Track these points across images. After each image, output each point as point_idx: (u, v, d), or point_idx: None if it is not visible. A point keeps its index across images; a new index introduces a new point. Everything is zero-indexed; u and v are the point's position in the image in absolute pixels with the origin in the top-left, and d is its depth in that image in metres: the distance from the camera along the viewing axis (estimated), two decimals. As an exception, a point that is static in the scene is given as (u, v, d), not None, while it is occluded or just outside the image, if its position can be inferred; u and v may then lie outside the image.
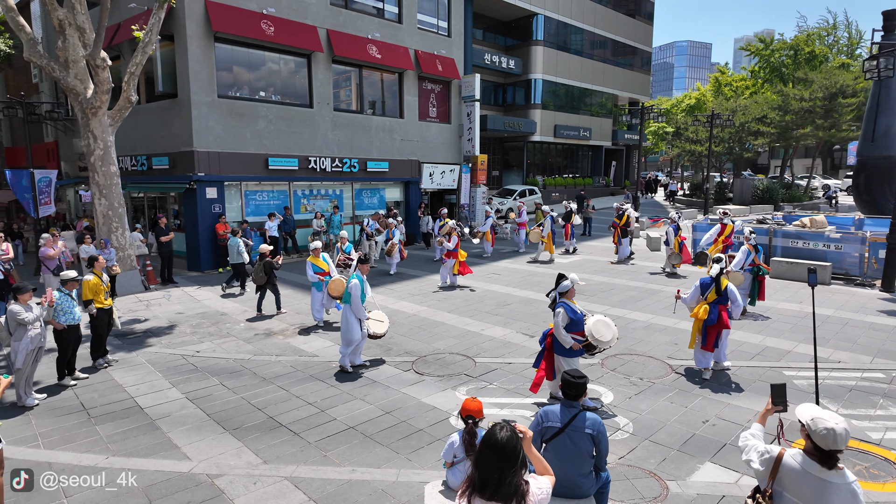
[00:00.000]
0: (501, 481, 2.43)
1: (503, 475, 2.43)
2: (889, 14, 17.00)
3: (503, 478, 2.43)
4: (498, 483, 2.43)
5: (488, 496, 2.44)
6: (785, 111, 28.30)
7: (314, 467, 5.14)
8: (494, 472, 2.44)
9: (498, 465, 2.45)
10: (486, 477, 2.45)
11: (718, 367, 7.41)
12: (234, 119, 15.72)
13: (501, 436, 2.50)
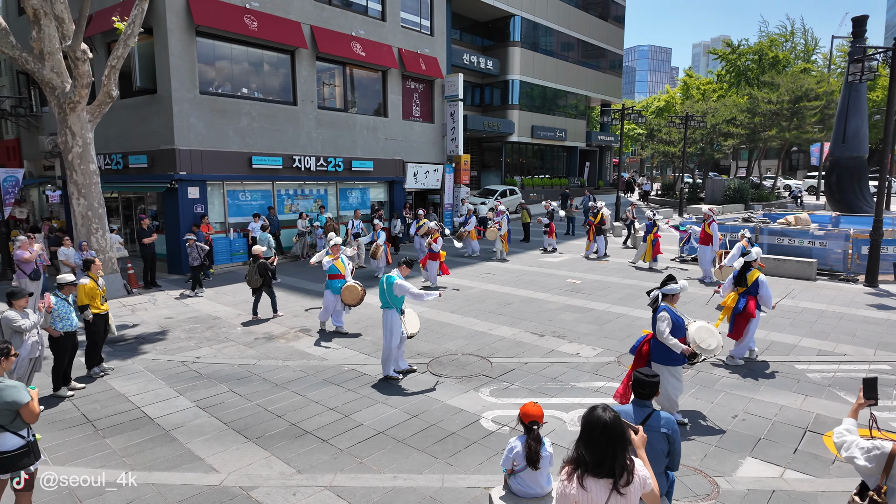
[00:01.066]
0: (615, 460, 2.59)
1: (616, 454, 2.60)
2: (858, 20, 17.73)
3: (616, 456, 2.60)
4: (612, 462, 2.59)
5: (604, 474, 2.60)
6: (753, 113, 29.26)
7: (353, 475, 4.94)
8: (608, 452, 2.60)
9: (611, 446, 2.60)
10: (600, 457, 2.60)
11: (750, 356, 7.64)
12: (216, 116, 15.19)
13: (609, 417, 2.64)
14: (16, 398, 3.83)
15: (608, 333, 9.02)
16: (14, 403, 3.82)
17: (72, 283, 6.82)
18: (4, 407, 3.80)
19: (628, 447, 2.68)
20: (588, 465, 2.63)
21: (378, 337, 9.08)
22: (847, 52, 44.34)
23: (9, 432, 3.89)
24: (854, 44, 17.78)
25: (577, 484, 2.66)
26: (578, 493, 2.67)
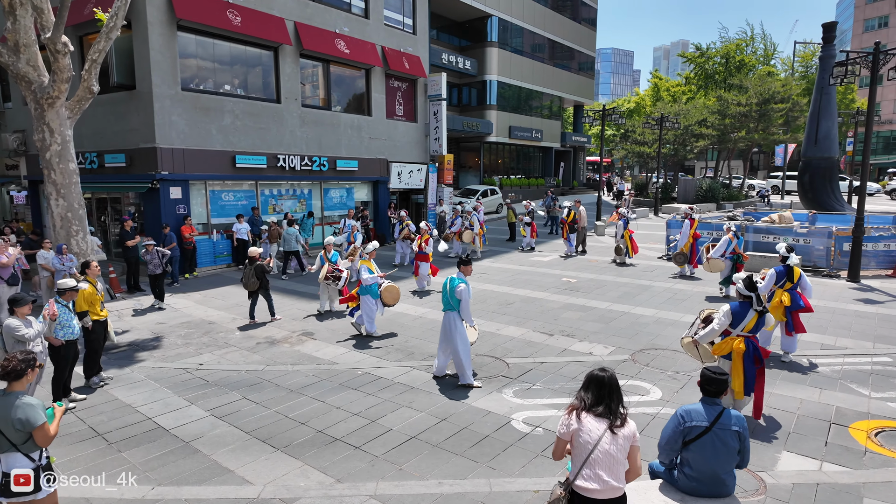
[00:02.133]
0: (611, 402, 3.19)
1: (612, 399, 3.19)
2: (828, 26, 18.45)
3: (612, 401, 3.19)
4: (608, 404, 3.18)
5: (600, 413, 3.18)
6: (723, 115, 30.16)
7: (396, 482, 4.79)
8: (604, 395, 3.20)
9: (608, 393, 3.20)
10: (598, 399, 3.21)
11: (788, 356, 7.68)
12: (198, 114, 14.68)
13: (607, 374, 3.26)
14: (30, 417, 3.51)
15: (616, 331, 9.08)
16: (27, 423, 3.50)
17: (73, 288, 6.43)
18: (18, 426, 3.50)
19: (622, 400, 3.24)
20: (587, 405, 3.23)
21: (386, 339, 8.93)
22: (807, 57, 46.39)
23: (19, 453, 3.57)
24: (825, 48, 18.51)
25: (576, 418, 3.22)
26: (577, 423, 3.20)
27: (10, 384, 3.61)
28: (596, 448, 3.12)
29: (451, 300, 6.80)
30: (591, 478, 3.12)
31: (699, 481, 3.63)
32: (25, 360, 3.64)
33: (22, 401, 3.54)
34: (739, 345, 5.59)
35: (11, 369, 3.57)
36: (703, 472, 3.61)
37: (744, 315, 5.57)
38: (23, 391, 3.64)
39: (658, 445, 3.85)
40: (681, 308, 10.51)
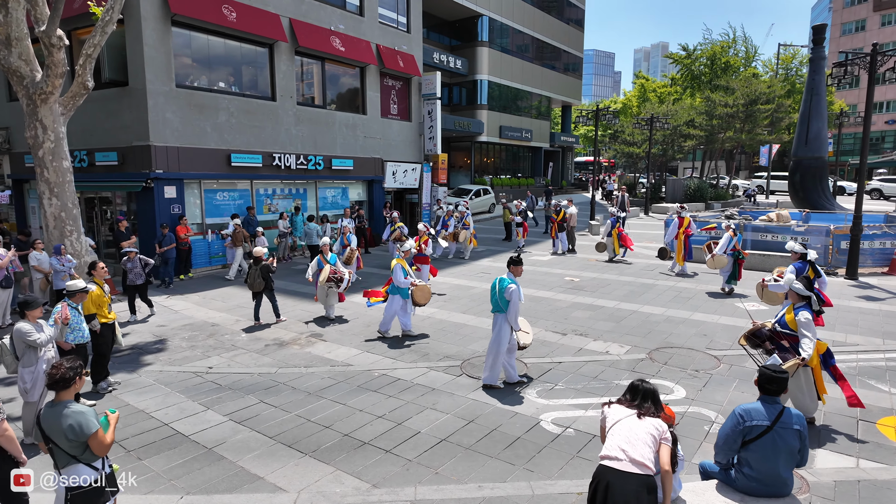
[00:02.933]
0: (644, 402, 3.52)
1: (645, 400, 3.54)
2: (818, 28, 18.78)
3: (645, 401, 3.54)
4: (641, 403, 3.52)
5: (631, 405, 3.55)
6: (711, 116, 30.55)
7: (435, 487, 4.67)
8: (639, 396, 3.57)
9: (644, 397, 3.56)
10: (633, 397, 3.56)
11: None
12: (193, 111, 14.36)
13: (651, 385, 3.63)
14: (82, 425, 3.34)
15: (628, 330, 9.07)
16: (80, 432, 3.32)
17: (83, 289, 6.18)
18: (70, 435, 3.32)
19: (659, 404, 3.54)
20: (625, 399, 3.59)
21: (397, 339, 8.79)
22: (787, 59, 47.28)
23: (81, 464, 3.40)
24: (815, 50, 18.83)
25: (607, 406, 3.63)
26: (606, 411, 3.58)
27: (57, 393, 3.42)
28: (618, 423, 3.45)
29: (501, 301, 6.52)
30: (611, 448, 3.34)
31: (759, 481, 3.58)
32: (73, 367, 3.45)
33: (71, 408, 3.36)
34: (820, 345, 5.50)
35: (60, 377, 3.38)
36: (764, 472, 3.56)
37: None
38: (71, 400, 3.45)
39: (715, 445, 3.80)
40: (688, 306, 10.56)
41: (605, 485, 3.19)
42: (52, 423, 3.32)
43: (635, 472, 3.17)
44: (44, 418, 3.35)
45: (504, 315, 6.53)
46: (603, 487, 3.19)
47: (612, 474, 3.21)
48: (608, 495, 3.16)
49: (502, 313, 6.55)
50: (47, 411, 3.37)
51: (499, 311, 6.59)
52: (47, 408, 3.40)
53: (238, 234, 13.92)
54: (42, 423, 3.35)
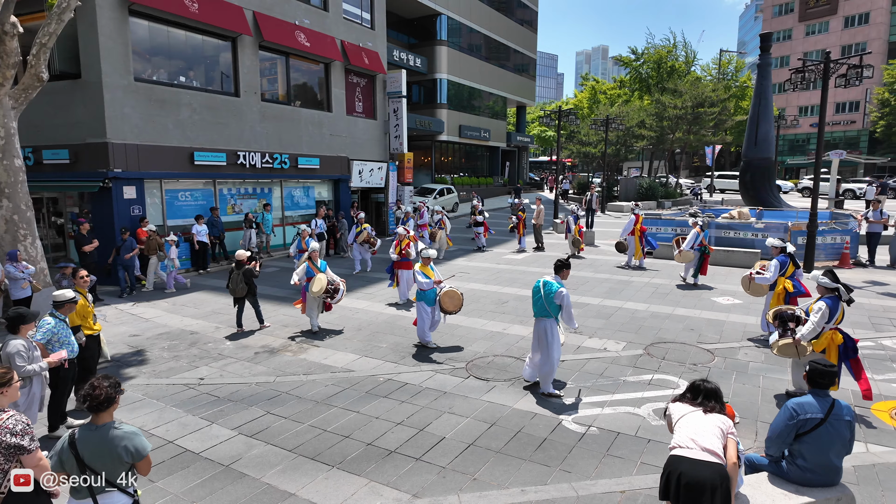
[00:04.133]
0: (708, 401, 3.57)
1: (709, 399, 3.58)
2: (765, 36, 19.88)
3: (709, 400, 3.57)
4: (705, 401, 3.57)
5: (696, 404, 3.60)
6: (661, 118, 31.81)
7: (478, 493, 4.58)
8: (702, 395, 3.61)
9: (707, 396, 3.59)
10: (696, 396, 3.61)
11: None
12: (153, 107, 13.57)
13: (712, 385, 3.66)
14: (138, 447, 3.10)
15: (619, 327, 9.26)
16: (137, 454, 3.08)
17: (71, 300, 5.67)
18: (127, 458, 3.04)
19: (722, 402, 3.59)
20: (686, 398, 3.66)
21: (394, 342, 8.62)
22: (724, 64, 49.91)
23: (117, 490, 3.12)
24: (762, 57, 19.93)
25: (671, 403, 3.74)
26: (670, 409, 3.66)
27: (98, 415, 3.10)
28: (684, 417, 3.54)
29: (549, 306, 6.34)
30: (681, 439, 3.42)
31: (813, 471, 3.72)
32: (113, 384, 3.14)
33: (122, 430, 3.08)
34: (836, 337, 5.73)
35: (105, 398, 3.07)
36: (818, 463, 3.70)
37: (836, 309, 5.76)
38: (115, 420, 3.14)
39: (767, 439, 3.91)
40: (668, 302, 10.90)
41: (679, 473, 3.22)
42: (98, 448, 3.02)
43: (708, 460, 3.22)
44: (83, 443, 3.04)
45: (552, 319, 6.39)
46: (676, 475, 3.23)
47: (685, 462, 3.25)
48: (682, 482, 3.19)
49: (549, 318, 6.40)
50: (87, 435, 3.06)
51: (545, 315, 6.41)
52: (86, 431, 3.08)
53: (152, 242, 12.43)
54: (80, 448, 3.03)
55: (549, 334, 6.39)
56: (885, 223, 13.88)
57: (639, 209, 14.60)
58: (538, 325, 6.51)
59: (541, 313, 6.47)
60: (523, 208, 17.58)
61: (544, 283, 6.45)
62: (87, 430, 3.09)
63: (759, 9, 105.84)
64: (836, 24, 57.92)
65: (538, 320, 6.51)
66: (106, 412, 3.10)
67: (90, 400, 3.05)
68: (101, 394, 3.05)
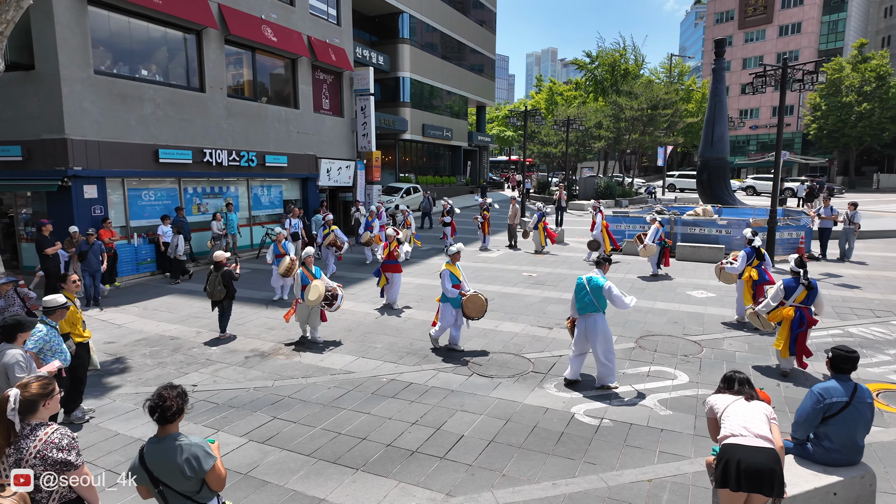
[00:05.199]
0: (744, 389, 3.75)
1: (744, 387, 3.77)
2: (719, 42, 20.89)
3: (744, 388, 3.76)
4: (741, 390, 3.75)
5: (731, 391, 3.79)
6: (618, 119, 32.82)
7: (511, 489, 4.60)
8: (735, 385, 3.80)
9: (740, 384, 3.79)
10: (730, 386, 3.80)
11: None
12: (115, 101, 12.89)
13: (743, 374, 3.85)
14: (201, 458, 2.94)
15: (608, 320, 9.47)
16: (200, 466, 2.92)
17: (63, 305, 5.32)
18: (190, 471, 2.89)
19: (754, 388, 3.78)
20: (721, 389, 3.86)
21: (389, 343, 8.52)
22: (670, 69, 52.03)
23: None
24: (717, 62, 20.92)
25: (710, 396, 3.87)
26: (711, 401, 3.81)
27: (164, 426, 2.92)
28: (730, 407, 3.64)
29: (597, 301, 6.43)
30: (734, 427, 3.50)
31: (839, 452, 3.94)
32: (181, 394, 2.97)
33: (183, 441, 2.91)
34: (789, 312, 6.72)
35: (176, 409, 2.90)
36: (843, 443, 3.92)
37: (794, 289, 6.73)
38: (179, 432, 2.97)
39: (794, 423, 4.11)
40: (646, 296, 11.26)
41: (737, 460, 3.34)
42: (163, 461, 2.85)
43: (763, 446, 3.36)
44: (151, 456, 2.87)
45: (600, 314, 6.49)
46: (735, 462, 3.34)
47: (742, 450, 3.37)
48: (741, 468, 3.31)
49: (596, 312, 6.49)
50: (154, 448, 2.89)
51: (592, 310, 6.49)
52: (152, 444, 2.91)
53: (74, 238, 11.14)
54: (148, 462, 2.86)
55: (596, 329, 6.47)
56: (835, 219, 14.84)
57: (601, 206, 15.17)
58: (586, 322, 6.55)
59: (588, 309, 6.51)
60: (487, 208, 17.70)
61: (588, 279, 6.54)
62: (152, 442, 2.92)
63: (698, 15, 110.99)
64: (771, 33, 61.39)
65: (585, 317, 6.55)
66: (173, 423, 2.93)
67: (160, 412, 2.88)
68: (171, 405, 2.88)
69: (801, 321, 6.74)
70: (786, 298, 6.81)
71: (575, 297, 6.65)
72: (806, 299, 6.76)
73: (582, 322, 6.60)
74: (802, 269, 6.82)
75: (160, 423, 2.91)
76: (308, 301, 8.14)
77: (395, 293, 10.64)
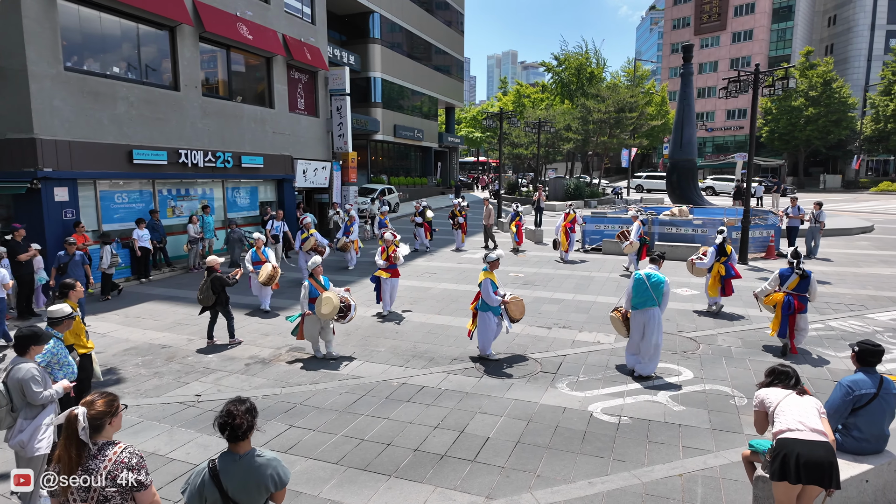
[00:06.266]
0: (797, 383, 3.92)
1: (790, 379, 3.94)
2: (687, 48, 21.59)
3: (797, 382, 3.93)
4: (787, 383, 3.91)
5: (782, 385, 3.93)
6: (586, 121, 33.49)
7: (549, 490, 4.63)
8: (784, 379, 3.94)
9: (788, 377, 3.94)
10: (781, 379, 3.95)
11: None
12: (87, 99, 12.32)
13: (793, 369, 3.99)
14: (282, 475, 2.88)
15: (602, 320, 9.65)
16: (280, 482, 2.85)
17: (69, 315, 5.03)
18: (272, 487, 2.80)
19: (800, 381, 3.94)
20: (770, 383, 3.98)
21: (392, 346, 8.44)
22: (630, 72, 53.47)
23: None
24: (685, 66, 21.63)
25: (760, 389, 4.00)
26: (761, 394, 3.93)
27: (237, 444, 2.80)
28: (783, 401, 3.76)
29: (656, 296, 6.87)
30: (789, 422, 3.62)
31: (868, 441, 4.14)
32: (249, 409, 2.84)
33: (265, 457, 2.81)
34: (780, 297, 7.65)
35: (247, 427, 2.77)
36: (872, 433, 4.12)
37: (788, 277, 7.68)
38: (254, 447, 2.86)
39: (824, 415, 4.29)
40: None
41: (796, 454, 3.46)
42: (245, 479, 2.74)
43: (819, 440, 3.50)
44: (228, 475, 2.74)
45: (657, 308, 6.91)
46: (794, 456, 3.46)
47: (799, 444, 3.49)
48: (801, 462, 3.44)
49: (654, 307, 6.90)
50: (232, 466, 2.76)
51: (651, 304, 6.90)
52: (229, 463, 2.78)
53: None
54: (225, 480, 2.74)
55: (655, 321, 6.89)
56: (802, 218, 15.57)
57: (570, 208, 15.65)
58: (643, 315, 6.94)
59: (647, 303, 6.94)
60: (461, 209, 17.71)
61: (647, 275, 6.97)
62: (228, 460, 2.78)
63: (653, 21, 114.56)
64: (725, 39, 63.92)
65: (643, 311, 6.94)
66: (246, 440, 2.82)
67: (230, 430, 2.75)
68: (242, 423, 2.75)
69: (789, 306, 7.57)
70: (781, 285, 7.71)
71: (633, 292, 7.04)
72: (799, 286, 7.60)
73: (639, 315, 6.98)
74: (797, 260, 7.67)
75: (231, 440, 2.79)
76: (321, 315, 7.56)
77: (387, 300, 10.24)
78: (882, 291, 11.51)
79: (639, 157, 69.03)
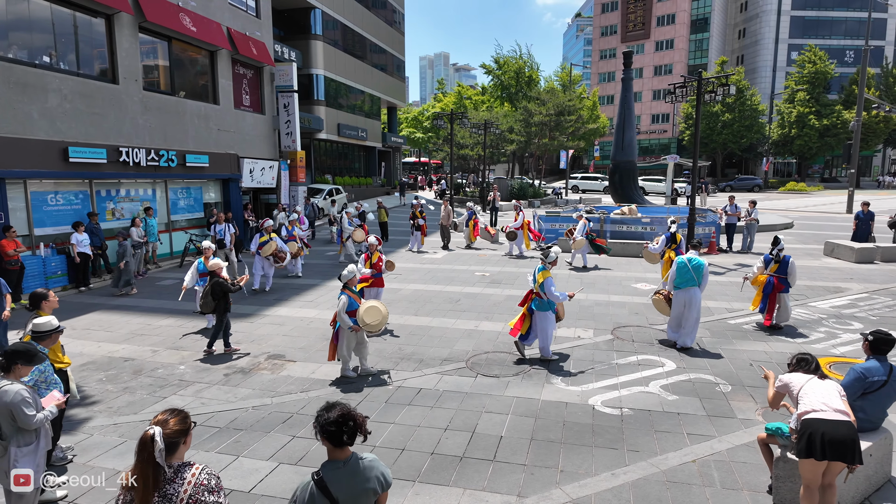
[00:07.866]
0: (808, 367, 4.22)
1: (810, 365, 4.22)
2: (626, 54, 22.62)
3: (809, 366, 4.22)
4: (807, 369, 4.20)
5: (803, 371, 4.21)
6: (528, 124, 34.30)
7: (577, 484, 4.69)
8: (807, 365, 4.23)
9: (809, 363, 4.24)
10: (802, 365, 4.24)
11: None
12: (14, 91, 11.21)
13: (813, 356, 4.26)
14: (387, 475, 2.79)
15: (578, 316, 9.88)
16: (386, 483, 2.75)
17: (57, 329, 4.55)
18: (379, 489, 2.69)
19: (820, 367, 4.20)
20: (793, 368, 4.26)
21: (377, 349, 8.27)
22: (563, 77, 55.37)
23: None
24: (626, 72, 22.66)
25: (784, 374, 4.26)
26: (786, 379, 4.19)
27: (342, 448, 2.62)
28: (806, 384, 4.03)
29: (697, 277, 7.90)
30: (813, 403, 3.88)
31: (870, 421, 4.49)
32: (352, 414, 2.68)
33: (368, 460, 2.71)
34: (763, 279, 8.95)
35: (357, 426, 2.61)
36: (875, 415, 4.49)
37: (769, 262, 8.92)
38: (354, 451, 2.69)
39: (833, 398, 4.63)
40: (597, 290, 11.91)
41: (822, 433, 3.71)
42: (355, 485, 2.60)
43: (843, 419, 3.76)
44: (337, 483, 2.57)
45: (696, 287, 7.94)
46: (819, 435, 3.71)
47: (824, 423, 3.74)
48: (826, 440, 3.68)
49: (695, 286, 7.93)
50: (338, 474, 2.60)
51: (692, 284, 7.92)
52: (334, 471, 2.60)
53: None
54: (335, 490, 2.55)
55: (695, 300, 7.90)
56: (738, 216, 16.72)
57: (521, 206, 16.41)
58: (685, 294, 7.96)
59: (689, 283, 7.97)
60: (421, 210, 17.64)
61: (689, 259, 8.10)
62: (333, 468, 2.60)
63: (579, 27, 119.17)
64: (649, 47, 67.51)
65: (685, 290, 7.96)
66: (348, 447, 2.66)
67: (349, 433, 2.58)
68: (350, 423, 2.61)
69: (770, 285, 8.85)
70: (766, 268, 8.93)
71: (676, 274, 8.07)
72: (778, 270, 8.80)
73: (682, 294, 7.99)
74: (774, 247, 8.85)
75: (339, 444, 2.62)
76: (367, 326, 6.93)
77: None
78: (815, 281, 12.56)
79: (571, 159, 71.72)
